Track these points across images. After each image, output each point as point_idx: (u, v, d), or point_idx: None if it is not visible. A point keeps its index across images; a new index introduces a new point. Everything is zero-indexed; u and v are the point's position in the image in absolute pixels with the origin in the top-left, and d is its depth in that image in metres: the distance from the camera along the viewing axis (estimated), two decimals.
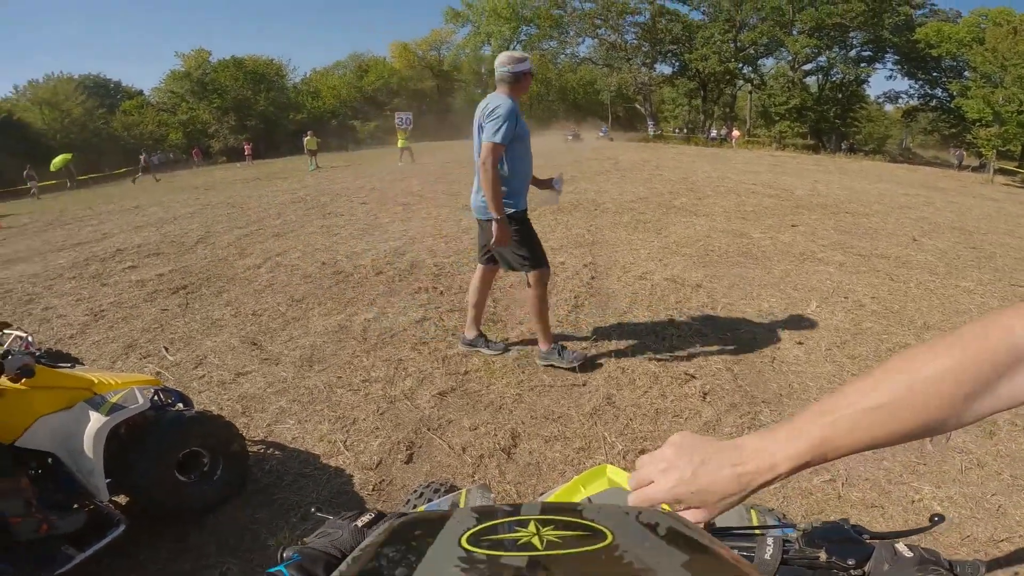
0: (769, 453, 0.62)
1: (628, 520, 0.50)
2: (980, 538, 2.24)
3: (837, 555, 0.64)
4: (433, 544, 0.46)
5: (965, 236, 8.02)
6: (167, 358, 4.04)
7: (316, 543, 0.68)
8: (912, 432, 0.58)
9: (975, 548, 2.18)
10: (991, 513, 2.37)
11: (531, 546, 0.44)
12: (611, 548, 0.44)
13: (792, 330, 4.29)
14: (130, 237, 8.52)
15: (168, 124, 40.42)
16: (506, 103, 3.14)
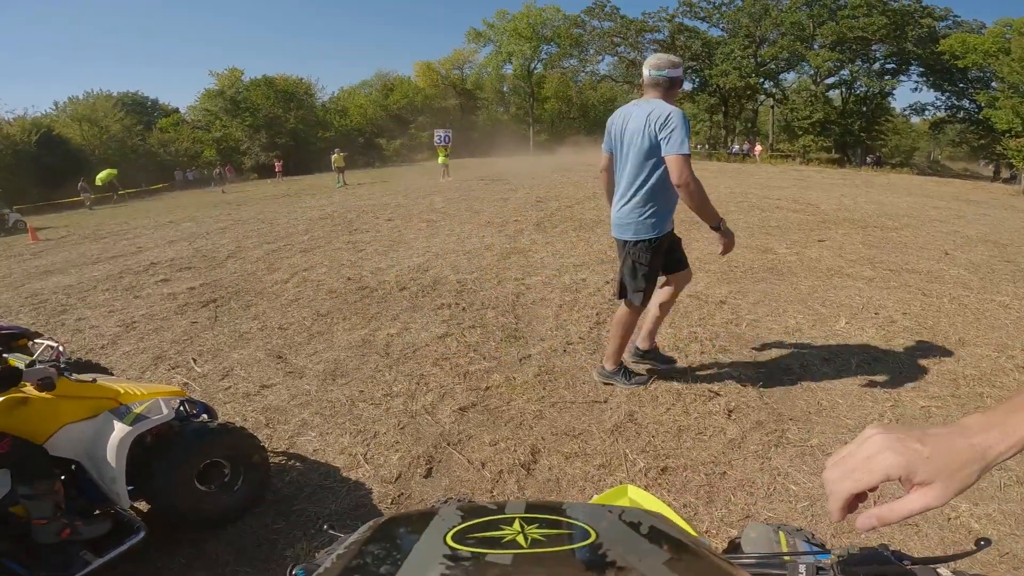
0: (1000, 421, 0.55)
1: (611, 519, 0.50)
2: (1020, 556, 2.14)
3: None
4: (418, 542, 0.46)
5: (999, 249, 7.76)
6: (195, 370, 4.13)
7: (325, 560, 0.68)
8: None
9: (1015, 566, 2.10)
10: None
11: (516, 544, 0.44)
12: (595, 546, 0.44)
13: (820, 347, 4.19)
14: (163, 251, 8.79)
15: (202, 141, 41.69)
16: (678, 110, 2.83)
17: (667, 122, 2.78)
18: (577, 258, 7.04)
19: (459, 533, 0.46)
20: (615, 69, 46.44)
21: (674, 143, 2.76)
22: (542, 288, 5.84)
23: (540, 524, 0.48)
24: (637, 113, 2.95)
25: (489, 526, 0.48)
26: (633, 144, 2.95)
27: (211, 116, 42.80)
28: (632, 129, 2.94)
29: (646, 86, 3.01)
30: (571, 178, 18.09)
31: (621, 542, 0.46)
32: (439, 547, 0.44)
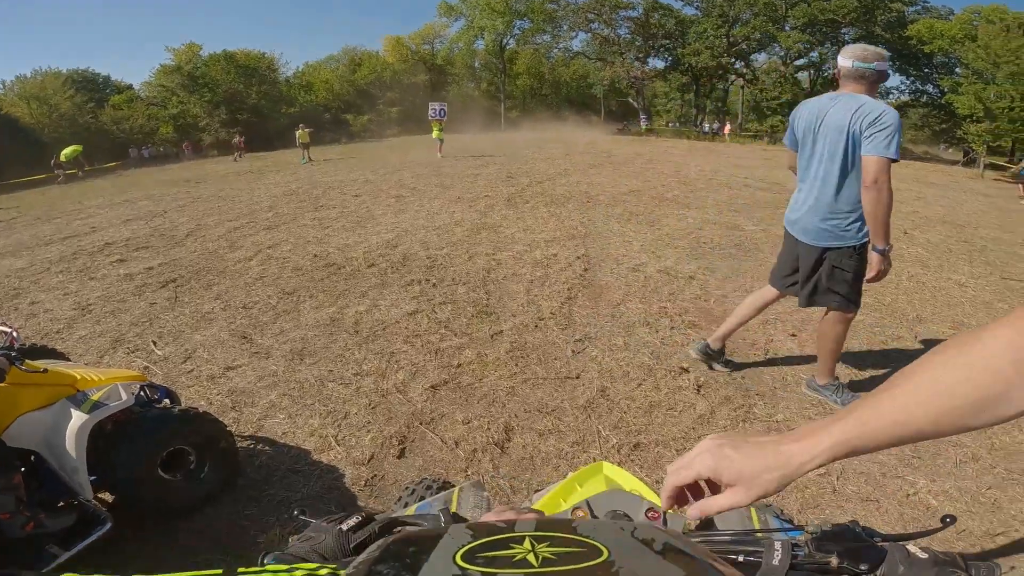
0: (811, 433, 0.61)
1: (624, 536, 0.49)
2: (976, 532, 2.23)
3: (849, 559, 0.61)
4: (427, 561, 0.45)
5: (956, 230, 8.07)
6: (155, 353, 3.99)
7: (298, 548, 0.66)
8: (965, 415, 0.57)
9: (971, 543, 2.17)
10: (987, 507, 2.36)
11: (527, 563, 0.44)
12: (607, 564, 0.44)
13: (785, 322, 4.29)
14: (119, 231, 8.41)
15: (158, 118, 40.29)
16: (893, 110, 2.56)
17: (879, 120, 2.53)
18: (548, 233, 7.03)
19: (469, 552, 0.46)
20: (588, 46, 46.04)
21: (880, 143, 2.53)
22: (513, 263, 5.82)
23: (551, 542, 0.47)
24: (837, 108, 2.69)
25: (499, 545, 0.47)
26: (833, 141, 2.71)
27: (167, 92, 41.26)
28: (832, 125, 2.69)
29: (846, 78, 2.74)
30: (542, 154, 17.99)
31: (634, 559, 0.45)
32: (449, 567, 0.43)
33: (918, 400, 0.57)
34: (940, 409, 0.56)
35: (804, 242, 2.97)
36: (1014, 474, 2.57)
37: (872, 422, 0.58)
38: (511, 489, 2.52)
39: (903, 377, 0.60)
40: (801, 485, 2.48)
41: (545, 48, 47.43)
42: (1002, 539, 2.19)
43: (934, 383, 0.57)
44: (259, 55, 44.35)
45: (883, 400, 0.59)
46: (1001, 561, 2.06)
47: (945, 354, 0.58)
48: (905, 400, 0.58)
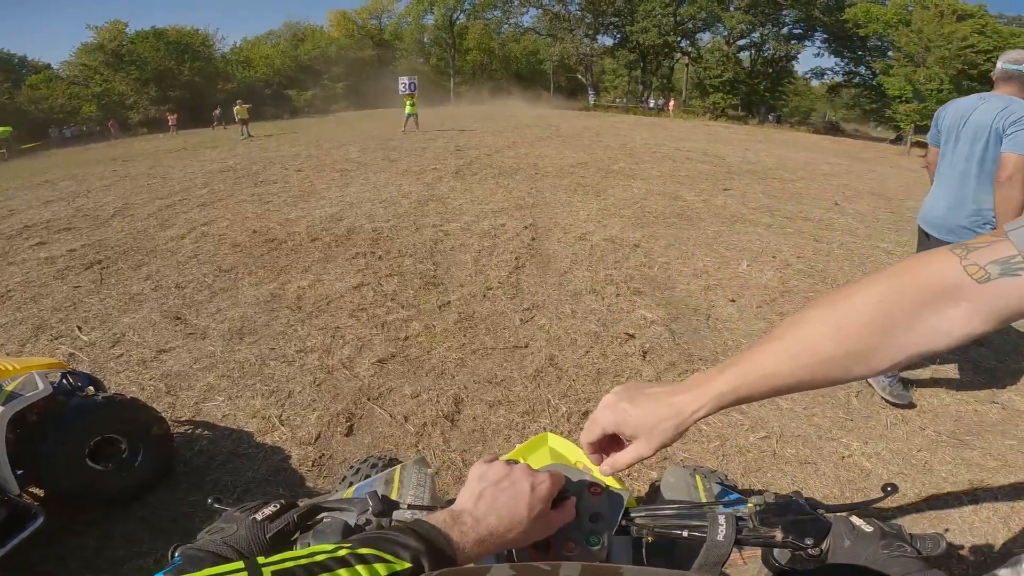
0: (698, 383, 0.63)
1: None
2: (908, 494, 2.33)
3: (794, 533, 0.61)
4: None
5: (884, 202, 8.52)
6: (80, 338, 3.74)
7: (205, 541, 0.61)
8: (838, 373, 0.58)
9: (904, 504, 2.27)
10: (918, 469, 2.48)
11: None
12: None
13: (725, 288, 4.44)
14: (39, 213, 7.77)
15: (80, 97, 38.08)
16: None
17: (1022, 119, 2.48)
18: (496, 204, 7.01)
19: None
20: (539, 22, 45.58)
21: (1021, 141, 2.47)
22: (461, 234, 5.77)
23: None
24: (984, 108, 2.64)
25: None
26: (976, 140, 2.66)
27: (89, 71, 38.98)
28: (977, 123, 2.65)
29: (999, 80, 2.72)
30: (491, 127, 17.80)
31: None
32: None
33: (793, 353, 0.58)
34: (814, 362, 0.58)
35: (943, 240, 2.90)
36: (943, 436, 2.71)
37: (752, 373, 0.60)
38: (463, 463, 2.52)
39: (783, 329, 0.61)
40: (743, 448, 2.59)
41: (496, 23, 46.79)
42: (935, 500, 2.30)
43: (808, 338, 0.58)
44: (192, 31, 42.54)
45: (763, 352, 0.60)
46: (934, 522, 2.18)
47: (819, 309, 0.60)
48: (782, 354, 0.59)
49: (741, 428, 2.72)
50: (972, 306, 0.55)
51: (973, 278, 0.54)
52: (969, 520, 2.19)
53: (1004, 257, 0.54)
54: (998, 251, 0.54)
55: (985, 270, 0.54)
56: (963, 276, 0.55)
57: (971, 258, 0.55)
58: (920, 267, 0.58)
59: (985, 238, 0.57)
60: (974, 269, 0.54)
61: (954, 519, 2.20)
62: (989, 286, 0.54)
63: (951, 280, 0.55)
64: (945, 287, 0.56)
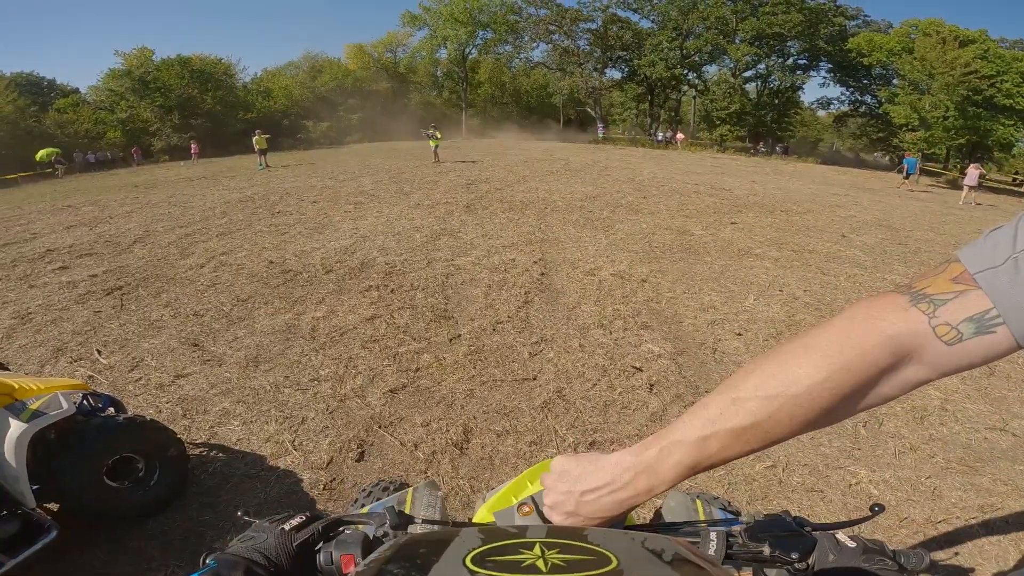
0: (645, 475, 0.60)
1: (634, 545, 0.49)
2: (917, 520, 2.34)
3: (780, 549, 0.63)
4: (437, 563, 0.45)
5: (892, 233, 8.57)
6: (100, 361, 3.85)
7: (238, 547, 0.64)
8: (787, 437, 0.56)
9: (913, 530, 2.28)
10: (927, 496, 2.50)
11: (536, 568, 0.43)
12: (616, 573, 0.43)
13: (732, 323, 4.49)
14: (61, 237, 8.01)
15: (106, 122, 38.62)
16: None
17: None
18: (506, 239, 7.13)
19: (479, 556, 0.45)
20: (549, 56, 46.65)
21: None
22: (472, 269, 5.88)
23: (561, 549, 0.47)
24: None
25: (509, 549, 0.46)
26: None
27: (116, 97, 39.63)
28: None
29: None
30: (502, 161, 18.12)
31: (643, 569, 0.45)
32: (458, 569, 0.43)
33: (729, 428, 0.56)
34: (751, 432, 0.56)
35: None
36: (952, 463, 2.73)
37: (709, 448, 0.58)
38: (471, 489, 2.56)
39: (719, 400, 0.58)
40: (749, 477, 2.61)
41: (507, 58, 47.89)
42: (944, 526, 2.31)
43: (747, 415, 0.55)
44: (215, 60, 43.28)
45: (692, 423, 0.58)
46: (943, 548, 2.19)
47: (757, 378, 0.56)
48: (709, 424, 0.57)
49: (747, 458, 2.74)
50: (932, 366, 0.51)
51: (943, 340, 0.49)
52: (979, 544, 2.20)
53: (979, 313, 0.48)
54: (970, 305, 0.48)
55: (957, 331, 0.49)
56: (930, 338, 0.50)
57: (941, 315, 0.49)
58: (878, 330, 0.52)
59: (947, 283, 0.51)
60: (945, 330, 0.49)
61: (965, 544, 2.21)
62: (958, 347, 0.49)
63: (916, 343, 0.50)
64: (907, 352, 0.51)
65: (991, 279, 0.48)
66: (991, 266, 0.48)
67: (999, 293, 0.47)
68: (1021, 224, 0.49)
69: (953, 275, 0.51)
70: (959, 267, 0.51)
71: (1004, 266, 0.48)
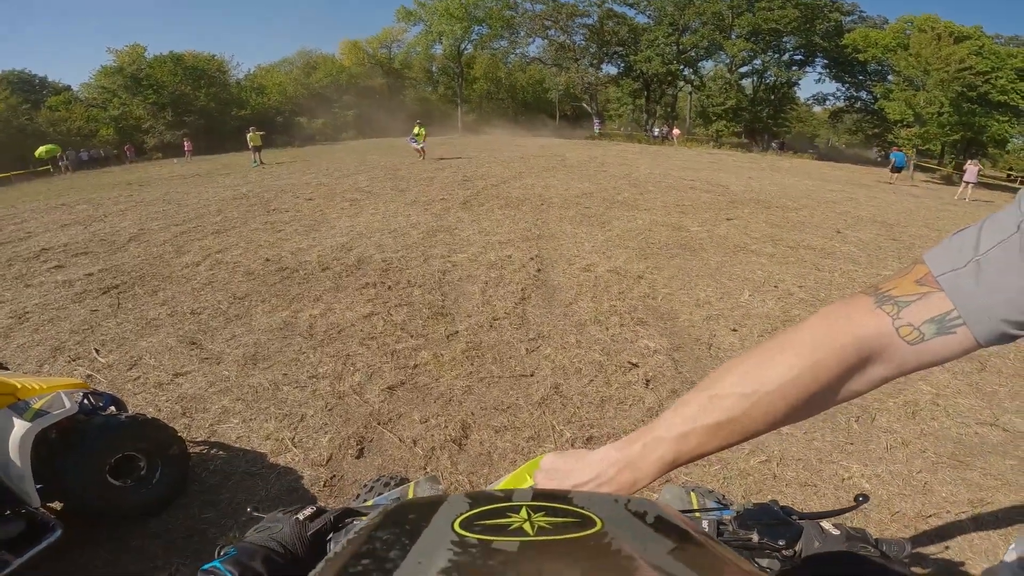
0: (629, 469, 0.63)
1: (617, 508, 0.51)
2: (908, 514, 2.39)
3: (768, 536, 0.66)
4: (427, 528, 0.46)
5: (886, 229, 8.63)
6: (98, 360, 3.86)
7: (255, 537, 0.67)
8: (763, 432, 0.59)
9: (904, 524, 2.32)
10: (918, 490, 2.54)
11: (522, 531, 0.45)
12: (600, 535, 0.45)
13: (727, 318, 4.53)
14: (56, 236, 7.98)
15: (98, 120, 38.44)
16: None
17: None
18: (503, 235, 7.14)
19: (466, 520, 0.46)
20: (545, 52, 46.45)
21: None
22: (468, 265, 5.89)
23: (546, 512, 0.48)
24: None
25: (496, 513, 0.48)
26: None
27: (108, 94, 39.41)
28: None
29: None
30: (498, 157, 18.11)
31: (626, 531, 0.46)
32: (447, 533, 0.44)
33: (709, 424, 0.59)
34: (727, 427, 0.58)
35: None
36: (943, 458, 2.78)
37: (688, 443, 0.60)
38: (469, 484, 2.59)
39: (696, 399, 0.60)
40: (743, 472, 2.65)
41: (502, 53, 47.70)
42: (935, 520, 2.36)
43: (724, 411, 0.58)
44: (208, 57, 43.03)
45: (675, 419, 0.61)
46: (933, 542, 2.23)
47: (734, 377, 0.59)
48: (690, 421, 0.60)
49: (742, 452, 2.79)
50: (896, 364, 0.54)
51: (905, 340, 0.52)
52: (969, 538, 2.24)
53: (940, 315, 0.51)
54: (932, 307, 0.51)
55: (919, 331, 0.51)
56: (894, 338, 0.53)
57: (904, 316, 0.52)
58: (846, 330, 0.54)
59: (911, 285, 0.53)
60: (907, 331, 0.52)
61: (954, 537, 2.25)
62: (920, 347, 0.52)
63: (881, 343, 0.53)
64: (873, 351, 0.54)
65: (953, 281, 0.50)
66: (953, 268, 0.50)
67: (960, 295, 0.50)
68: (984, 227, 0.51)
69: (917, 277, 0.53)
70: (923, 269, 0.53)
71: (966, 269, 0.50)
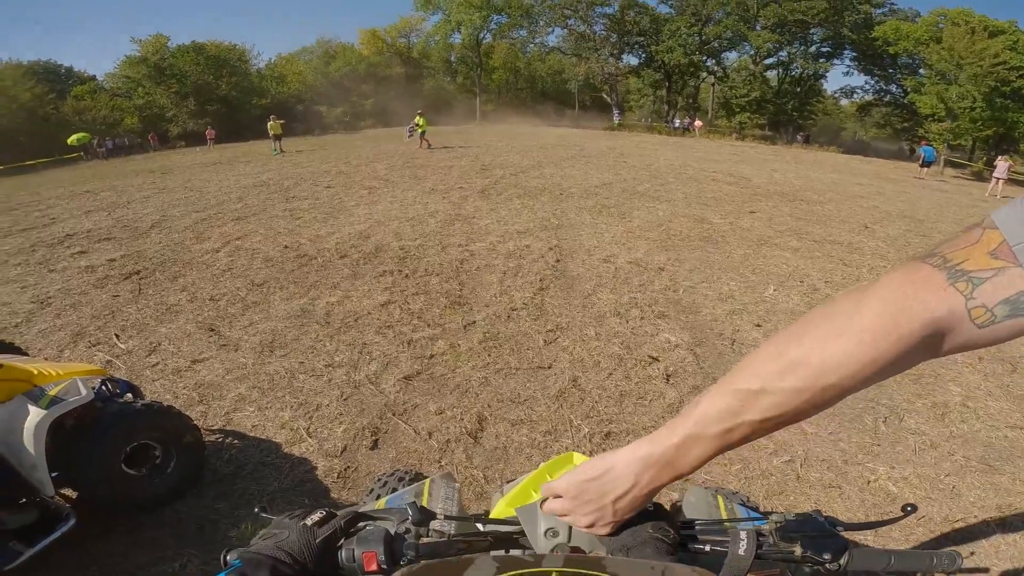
0: (668, 469, 0.60)
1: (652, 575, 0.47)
2: (935, 518, 2.30)
3: (813, 549, 0.62)
4: None
5: (915, 224, 8.37)
6: (118, 346, 3.88)
7: (260, 545, 0.64)
8: (803, 419, 0.56)
9: (930, 529, 2.24)
10: (946, 494, 2.45)
11: None
12: None
13: (751, 313, 4.41)
14: (80, 222, 8.11)
15: (123, 109, 39.22)
16: None
17: None
18: (521, 225, 7.07)
19: None
20: (564, 41, 46.08)
21: None
22: (486, 254, 5.84)
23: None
24: None
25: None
26: None
27: (132, 83, 40.32)
28: None
29: None
30: (516, 146, 18.00)
31: None
32: None
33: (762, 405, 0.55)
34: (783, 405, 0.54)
35: None
36: (972, 461, 2.67)
37: (732, 438, 0.57)
38: (485, 480, 2.54)
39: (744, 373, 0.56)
40: (765, 472, 2.57)
41: (521, 43, 47.48)
42: (961, 524, 2.27)
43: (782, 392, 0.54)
44: (230, 46, 43.65)
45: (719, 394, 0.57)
46: (961, 547, 2.15)
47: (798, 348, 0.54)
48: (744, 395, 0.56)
49: (764, 452, 2.70)
50: (959, 344, 0.50)
51: (976, 322, 0.48)
52: (996, 543, 2.16)
53: (1016, 294, 0.46)
54: (1008, 284, 0.46)
55: (992, 313, 0.47)
56: (965, 320, 0.48)
57: (978, 296, 0.47)
58: (917, 314, 0.49)
59: (985, 257, 0.48)
60: (979, 312, 0.48)
61: (981, 543, 2.18)
62: (988, 329, 0.48)
63: (952, 323, 0.49)
64: (940, 332, 0.49)
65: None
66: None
67: None
68: None
69: (991, 247, 0.48)
70: (997, 236, 0.48)
71: None
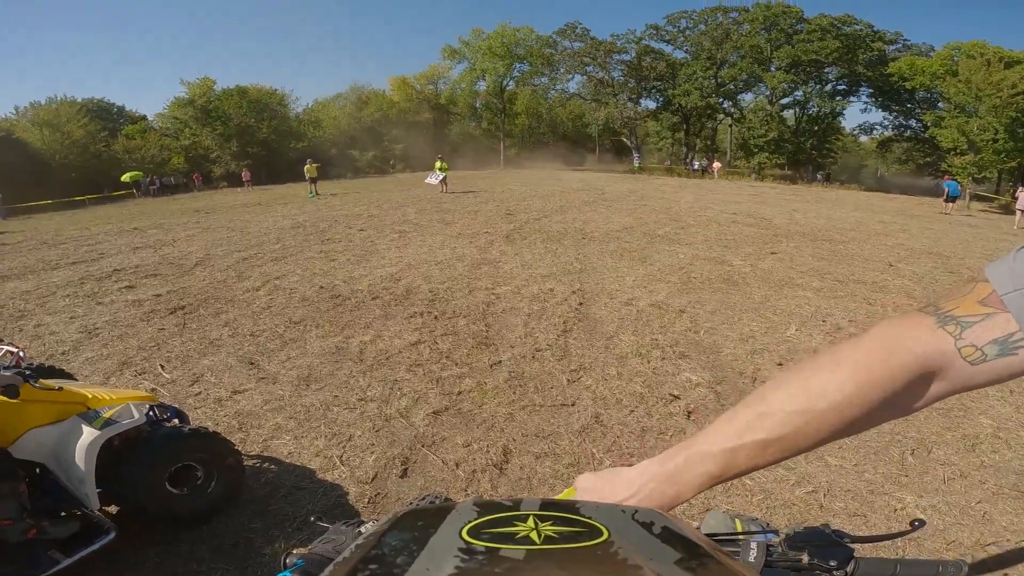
0: (671, 483, 0.63)
1: (624, 518, 0.51)
2: (965, 543, 2.32)
3: (819, 557, 0.64)
4: (435, 535, 0.47)
5: (942, 261, 8.29)
6: (163, 375, 4.12)
7: (320, 549, 0.67)
8: (811, 448, 0.59)
9: (960, 553, 2.26)
10: (977, 520, 2.46)
11: (529, 540, 0.45)
12: (606, 544, 0.45)
13: (772, 353, 4.45)
14: (128, 258, 8.57)
15: (171, 149, 40.90)
16: None
17: None
18: (545, 269, 7.25)
19: (474, 528, 0.47)
20: (584, 87, 47.49)
21: None
22: (511, 297, 6.00)
23: (554, 521, 0.48)
24: None
25: (504, 522, 0.48)
26: None
27: (180, 124, 42.06)
28: None
29: None
30: (539, 191, 18.39)
31: (633, 541, 0.46)
32: (455, 541, 0.45)
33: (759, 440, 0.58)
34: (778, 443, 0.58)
35: None
36: (1004, 489, 2.68)
37: (736, 459, 0.60)
38: None
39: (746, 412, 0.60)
40: (788, 502, 2.61)
41: (543, 89, 49.08)
42: (994, 549, 2.29)
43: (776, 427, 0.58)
44: (271, 91, 45.37)
45: (719, 432, 0.60)
46: (991, 571, 2.18)
47: (786, 391, 0.58)
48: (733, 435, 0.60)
49: (787, 482, 2.75)
50: (954, 384, 0.53)
51: (967, 360, 0.50)
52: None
53: (1004, 336, 0.49)
54: (996, 327, 0.49)
55: (982, 352, 0.50)
56: (956, 358, 0.51)
57: (967, 337, 0.50)
58: (907, 349, 0.53)
59: (974, 305, 0.51)
60: (970, 351, 0.50)
61: (1015, 566, 2.19)
62: (981, 367, 0.50)
63: (942, 363, 0.52)
64: (932, 370, 0.52)
65: (1019, 302, 0.48)
66: (1017, 288, 0.49)
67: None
68: None
69: (981, 296, 0.51)
70: (987, 287, 0.51)
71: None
